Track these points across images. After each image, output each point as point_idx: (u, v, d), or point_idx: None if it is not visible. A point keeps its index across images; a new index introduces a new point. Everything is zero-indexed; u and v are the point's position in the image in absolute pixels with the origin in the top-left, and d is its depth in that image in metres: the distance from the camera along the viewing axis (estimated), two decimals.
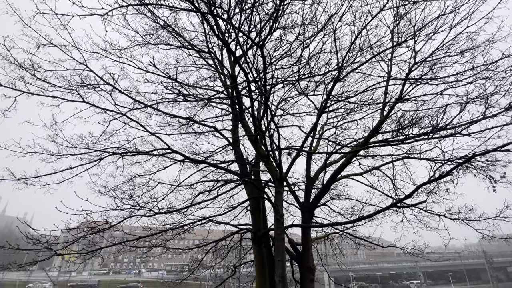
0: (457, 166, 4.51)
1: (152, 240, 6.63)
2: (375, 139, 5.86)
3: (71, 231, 5.01)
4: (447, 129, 4.84)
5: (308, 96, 6.54)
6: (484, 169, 5.43)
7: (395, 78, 6.00)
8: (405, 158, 6.37)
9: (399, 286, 65.21)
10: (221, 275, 9.37)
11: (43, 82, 5.41)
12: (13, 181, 5.28)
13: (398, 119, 4.91)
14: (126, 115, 5.73)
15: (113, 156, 6.32)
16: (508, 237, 5.49)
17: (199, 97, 6.41)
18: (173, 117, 6.61)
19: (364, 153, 7.31)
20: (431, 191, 5.45)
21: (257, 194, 6.94)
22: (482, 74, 5.38)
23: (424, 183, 4.44)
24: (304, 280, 6.02)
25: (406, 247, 6.98)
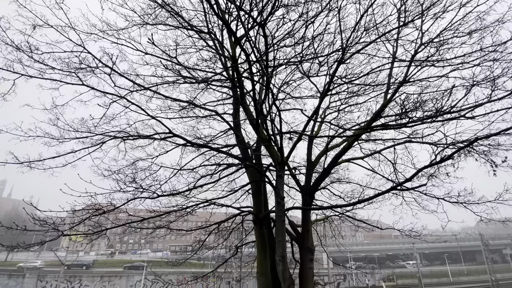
0: (459, 149, 4.49)
1: (156, 221, 6.79)
2: (377, 123, 5.82)
3: (76, 212, 5.12)
4: (451, 113, 4.78)
5: (311, 78, 6.41)
6: (486, 153, 5.41)
7: (400, 60, 5.85)
8: (407, 142, 6.35)
9: (395, 266, 67.36)
10: (223, 255, 9.69)
11: (41, 64, 5.33)
12: (17, 165, 5.33)
13: (402, 102, 4.84)
14: (126, 98, 5.67)
15: (115, 140, 6.34)
16: (506, 220, 5.58)
17: (199, 79, 6.31)
18: (173, 101, 6.56)
19: (366, 137, 7.29)
20: (431, 175, 5.48)
21: (259, 177, 7.01)
22: (490, 56, 5.23)
23: (425, 167, 4.45)
24: (303, 260, 6.22)
25: (404, 229, 7.11)
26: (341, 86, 7.04)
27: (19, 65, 5.18)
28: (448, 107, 4.53)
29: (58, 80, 5.49)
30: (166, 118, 6.62)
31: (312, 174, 7.29)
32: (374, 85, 6.44)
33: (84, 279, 40.51)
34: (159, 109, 6.74)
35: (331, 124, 6.76)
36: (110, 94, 5.62)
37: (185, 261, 8.36)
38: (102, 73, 5.56)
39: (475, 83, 4.89)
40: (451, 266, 62.37)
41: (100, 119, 5.74)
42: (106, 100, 5.86)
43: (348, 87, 7.07)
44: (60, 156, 5.66)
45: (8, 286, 37.89)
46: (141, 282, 42.00)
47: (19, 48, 5.05)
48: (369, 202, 6.91)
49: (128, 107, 5.92)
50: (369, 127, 5.36)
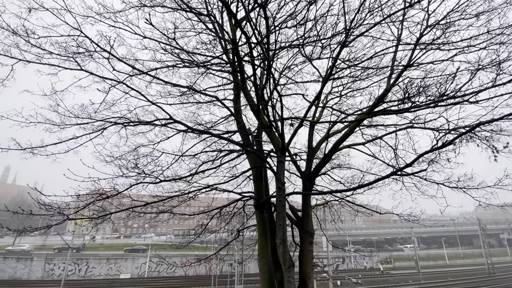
0: (461, 135, 4.48)
1: (159, 206, 6.92)
2: (380, 108, 5.76)
3: (80, 197, 5.21)
4: (455, 98, 4.72)
5: (312, 62, 6.28)
6: (488, 139, 5.39)
7: (405, 43, 5.70)
8: (409, 128, 6.32)
9: (393, 249, 69.06)
10: (225, 238, 9.93)
11: (39, 49, 5.25)
12: (19, 151, 5.38)
13: (405, 87, 4.77)
14: (125, 83, 5.62)
15: (116, 126, 6.34)
16: (505, 205, 5.64)
17: (199, 63, 6.21)
18: (173, 86, 6.49)
19: (367, 122, 7.25)
20: (432, 160, 5.49)
21: (260, 163, 7.06)
22: (497, 39, 5.10)
23: (426, 152, 4.45)
24: (303, 243, 6.37)
25: (403, 214, 7.22)
26: (343, 70, 6.93)
27: (17, 50, 5.10)
28: (452, 92, 4.47)
29: (56, 65, 5.43)
30: (166, 104, 6.59)
31: (313, 160, 7.32)
32: (378, 68, 6.31)
33: (90, 261, 41.92)
34: (159, 95, 6.70)
35: (333, 110, 6.71)
36: (109, 79, 5.57)
37: (188, 244, 8.60)
38: (101, 57, 5.48)
39: (480, 67, 4.79)
40: (448, 250, 63.97)
41: (100, 105, 5.72)
42: (106, 85, 5.82)
43: (351, 71, 6.96)
44: (62, 142, 5.70)
45: (17, 269, 39.31)
46: (146, 264, 43.42)
47: (16, 33, 4.96)
48: (369, 187, 6.98)
49: (127, 92, 5.88)
50: (371, 112, 5.31)
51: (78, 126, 5.96)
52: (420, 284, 36.84)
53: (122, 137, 6.52)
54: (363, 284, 37.94)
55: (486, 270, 45.71)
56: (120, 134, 6.48)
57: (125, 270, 42.26)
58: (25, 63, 5.25)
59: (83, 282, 36.77)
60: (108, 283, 36.02)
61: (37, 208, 5.04)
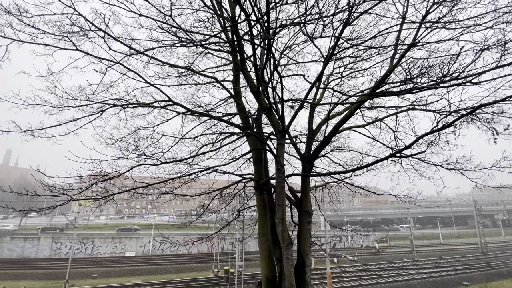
0: (462, 116, 4.46)
1: (161, 188, 7.04)
2: (382, 89, 5.69)
3: (83, 178, 5.30)
4: (458, 79, 4.65)
5: (314, 41, 6.11)
6: (488, 121, 5.37)
7: (410, 22, 5.51)
8: (410, 110, 6.28)
9: (389, 229, 71.13)
10: (226, 218, 10.20)
11: (33, 28, 5.09)
12: (19, 133, 5.38)
13: (407, 67, 4.67)
14: (122, 64, 5.51)
15: (115, 108, 6.30)
16: (501, 186, 5.73)
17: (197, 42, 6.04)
18: (171, 67, 6.37)
19: (368, 104, 7.19)
20: (431, 142, 5.50)
21: (260, 146, 7.09)
22: (504, 18, 4.92)
23: (426, 134, 4.46)
24: (302, 222, 6.56)
25: (400, 195, 7.35)
26: (346, 50, 6.76)
27: (10, 30, 4.96)
28: (456, 72, 4.39)
29: (51, 45, 5.30)
30: (164, 85, 6.49)
31: (312, 142, 7.35)
32: (381, 47, 6.15)
33: (96, 240, 43.37)
34: (157, 76, 6.58)
35: (334, 91, 6.62)
36: (106, 60, 5.45)
37: (190, 224, 8.84)
38: (96, 37, 5.33)
39: (486, 47, 4.67)
40: (442, 230, 65.89)
41: (98, 86, 5.65)
42: (103, 66, 5.71)
43: (354, 51, 6.79)
44: (61, 124, 5.69)
45: (24, 248, 40.76)
46: (150, 243, 44.93)
47: (8, 11, 4.79)
48: (368, 169, 7.05)
49: (125, 74, 5.78)
50: (373, 93, 5.25)
51: (77, 108, 5.93)
52: (414, 262, 38.31)
53: (121, 119, 6.50)
54: (359, 261, 39.45)
55: (479, 249, 47.33)
56: (120, 116, 6.45)
57: (130, 249, 43.83)
58: (20, 44, 5.12)
59: (90, 259, 38.26)
60: (114, 260, 37.49)
61: (41, 189, 5.14)
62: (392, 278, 29.53)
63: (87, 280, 29.43)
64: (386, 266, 35.02)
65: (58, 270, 31.53)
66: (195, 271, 33.81)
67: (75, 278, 29.38)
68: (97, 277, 30.58)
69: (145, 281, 28.58)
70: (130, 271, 32.64)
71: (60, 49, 5.39)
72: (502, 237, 64.72)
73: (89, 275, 30.94)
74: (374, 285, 27.03)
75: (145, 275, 31.91)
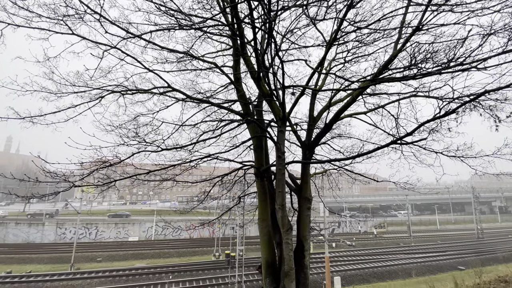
0: (465, 103, 4.40)
1: (162, 174, 7.09)
2: (385, 75, 5.59)
3: (84, 165, 5.32)
4: (463, 64, 4.55)
5: (317, 25, 5.94)
6: (491, 108, 5.31)
7: (416, 4, 5.33)
8: (413, 96, 6.20)
9: (387, 215, 72.29)
10: (227, 204, 10.35)
11: (27, 11, 4.94)
12: (19, 120, 5.35)
13: (412, 52, 4.56)
14: (119, 48, 5.39)
15: (114, 94, 6.23)
16: (501, 173, 5.75)
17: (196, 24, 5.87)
18: (170, 52, 6.23)
19: (370, 91, 7.09)
20: (433, 129, 5.47)
21: (260, 133, 7.07)
22: None
23: (428, 121, 4.42)
24: (301, 208, 6.64)
25: (399, 182, 7.40)
26: (349, 34, 6.58)
27: (4, 13, 4.82)
28: (461, 57, 4.28)
29: (47, 29, 5.16)
30: (163, 71, 6.38)
31: (313, 129, 7.31)
32: (386, 30, 5.97)
33: (100, 226, 44.28)
34: (156, 61, 6.46)
35: (336, 77, 6.50)
36: (102, 44, 5.33)
37: (191, 210, 8.98)
38: (93, 20, 5.18)
39: (492, 32, 4.54)
40: (440, 216, 66.99)
41: (95, 71, 5.55)
42: (100, 51, 5.60)
43: (357, 35, 6.61)
44: (60, 111, 5.64)
45: (29, 233, 41.71)
46: (153, 228, 45.86)
47: None
48: (368, 156, 7.06)
49: (123, 59, 5.67)
50: (376, 79, 5.15)
51: (75, 95, 5.87)
52: (411, 246, 39.20)
53: (120, 105, 6.44)
54: (357, 246, 40.41)
55: (475, 235, 48.30)
56: (119, 102, 6.40)
57: (133, 234, 44.83)
58: (15, 28, 5.00)
59: (94, 244, 39.22)
60: (118, 245, 38.44)
61: (43, 175, 5.17)
62: (389, 262, 30.35)
63: (92, 264, 30.32)
64: (383, 251, 35.91)
65: (63, 254, 32.41)
66: (197, 255, 34.74)
67: (80, 261, 30.25)
68: (101, 260, 31.47)
69: (149, 264, 29.43)
70: (133, 255, 33.54)
71: (55, 33, 5.25)
72: (498, 224, 65.91)
73: (94, 259, 31.83)
74: (371, 268, 27.82)
75: (148, 258, 32.82)
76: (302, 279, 6.07)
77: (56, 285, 22.62)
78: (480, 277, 6.25)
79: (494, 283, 5.59)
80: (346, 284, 23.16)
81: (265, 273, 6.24)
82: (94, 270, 26.38)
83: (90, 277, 24.37)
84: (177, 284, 22.73)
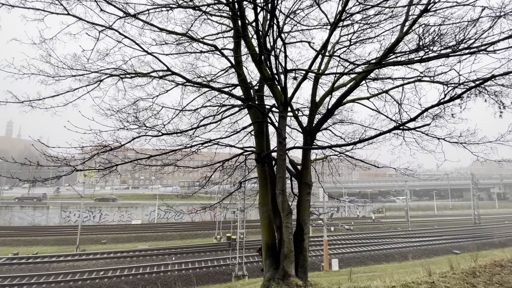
0: (471, 88, 4.31)
1: (164, 159, 7.11)
2: (389, 60, 5.44)
3: (85, 149, 5.32)
4: (471, 48, 4.41)
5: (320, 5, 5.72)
6: (497, 94, 5.22)
7: None
8: (417, 81, 6.07)
9: (386, 200, 73.28)
10: (228, 189, 10.46)
11: None
12: (18, 104, 5.30)
13: (420, 33, 4.40)
14: (117, 30, 5.23)
15: (113, 78, 6.13)
16: (502, 160, 5.72)
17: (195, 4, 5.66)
18: (168, 33, 6.06)
19: (374, 75, 6.94)
20: (436, 115, 5.39)
21: (261, 118, 7.00)
22: None
23: (432, 106, 4.34)
24: (301, 193, 6.70)
25: (400, 168, 7.41)
26: (354, 16, 6.35)
27: None
28: (471, 39, 4.13)
29: (41, 10, 5.00)
30: (162, 54, 6.24)
31: (315, 115, 7.24)
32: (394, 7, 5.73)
33: (103, 209, 45.16)
34: (154, 42, 6.30)
35: (340, 59, 6.34)
36: (99, 25, 5.17)
37: (193, 194, 9.09)
38: (88, 0, 5.00)
39: (503, 14, 4.36)
40: (438, 202, 67.86)
41: (91, 52, 5.42)
42: (96, 33, 5.45)
43: (363, 16, 6.38)
44: (59, 95, 5.57)
45: (34, 216, 42.66)
46: (155, 211, 46.78)
47: None
48: (370, 142, 7.03)
49: (120, 41, 5.52)
50: (380, 63, 5.02)
51: (73, 78, 5.77)
52: (408, 231, 40.02)
53: (120, 90, 6.36)
54: (355, 230, 41.27)
55: (472, 220, 49.12)
56: (118, 86, 6.30)
57: (136, 217, 45.78)
58: (9, 8, 4.84)
59: (98, 227, 40.16)
60: (122, 228, 39.36)
61: (44, 160, 5.18)
62: (386, 246, 31.10)
63: (97, 246, 31.19)
64: (380, 235, 36.69)
65: (68, 236, 33.28)
66: (199, 238, 35.63)
67: (85, 243, 31.11)
68: (106, 242, 32.34)
69: (152, 246, 30.26)
70: (137, 237, 34.42)
71: (51, 14, 5.09)
72: (496, 210, 66.82)
73: (98, 241, 32.71)
74: (368, 251, 28.55)
75: (151, 241, 33.70)
76: (301, 261, 6.23)
77: (62, 265, 23.39)
78: (476, 261, 6.39)
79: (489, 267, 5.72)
80: (344, 266, 23.86)
81: (265, 255, 6.40)
82: (99, 251, 27.18)
83: (96, 258, 25.16)
84: (179, 265, 23.47)
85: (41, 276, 20.42)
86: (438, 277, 5.43)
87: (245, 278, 21.01)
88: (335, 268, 22.90)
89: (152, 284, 20.07)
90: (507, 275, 5.43)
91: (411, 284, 4.98)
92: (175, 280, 20.33)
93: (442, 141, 6.00)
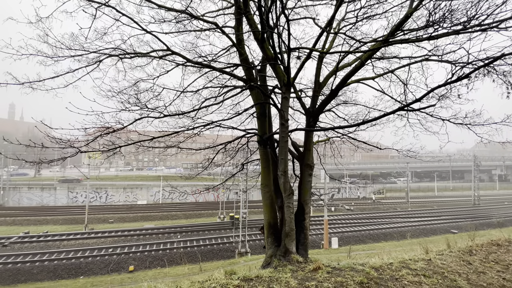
0: (480, 67, 4.17)
1: (166, 141, 7.13)
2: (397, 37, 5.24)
3: (87, 131, 5.34)
4: (482, 25, 4.22)
5: None
6: (505, 74, 5.07)
7: None
8: (424, 61, 5.88)
9: (387, 182, 73.99)
10: (231, 171, 10.58)
11: None
12: (18, 86, 5.25)
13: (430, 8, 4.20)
14: (114, 7, 5.05)
15: (112, 59, 6.01)
16: (506, 141, 5.67)
17: None
18: (167, 10, 5.84)
19: (380, 54, 6.73)
20: (442, 96, 5.28)
21: (263, 100, 6.91)
22: None
23: (439, 86, 4.23)
24: (303, 174, 6.77)
25: (402, 149, 7.39)
26: None
27: None
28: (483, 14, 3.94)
29: None
30: (161, 32, 6.05)
31: (318, 96, 7.12)
32: None
33: (109, 190, 46.24)
34: (153, 19, 6.10)
35: (346, 37, 6.11)
36: (96, 2, 4.99)
37: (196, 176, 9.21)
38: None
39: None
40: (439, 183, 68.43)
41: (89, 30, 5.28)
42: (94, 11, 5.27)
43: None
44: (59, 76, 5.51)
45: (43, 197, 43.86)
46: (160, 192, 47.81)
47: None
48: (373, 123, 6.97)
49: (118, 19, 5.35)
50: (387, 40, 4.84)
51: (72, 59, 5.66)
52: (407, 211, 40.77)
53: (120, 70, 6.26)
54: (355, 210, 42.12)
55: (471, 201, 49.74)
56: (117, 67, 6.20)
57: (141, 198, 46.94)
58: None
59: (105, 207, 41.34)
60: (128, 208, 40.50)
61: (49, 141, 5.22)
62: (385, 225, 31.85)
63: (105, 225, 32.29)
64: (380, 215, 37.47)
65: (76, 216, 34.41)
66: (203, 217, 36.69)
67: (93, 222, 32.20)
68: (113, 222, 33.45)
69: (157, 225, 31.27)
70: (143, 217, 35.50)
71: None
72: (496, 191, 67.40)
73: (106, 220, 33.82)
74: (368, 231, 29.32)
75: (157, 220, 34.78)
76: (302, 239, 6.42)
77: (72, 243, 24.38)
78: (473, 240, 6.54)
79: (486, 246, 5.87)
80: (343, 244, 24.63)
81: (267, 233, 6.59)
82: (107, 230, 28.18)
83: (104, 236, 26.15)
84: (185, 242, 24.36)
85: (52, 253, 21.37)
86: (435, 254, 5.60)
87: (247, 255, 21.85)
88: (334, 246, 23.66)
89: (159, 260, 20.98)
90: (503, 253, 5.58)
91: (408, 261, 5.15)
92: (181, 256, 21.21)
93: (446, 122, 5.93)
